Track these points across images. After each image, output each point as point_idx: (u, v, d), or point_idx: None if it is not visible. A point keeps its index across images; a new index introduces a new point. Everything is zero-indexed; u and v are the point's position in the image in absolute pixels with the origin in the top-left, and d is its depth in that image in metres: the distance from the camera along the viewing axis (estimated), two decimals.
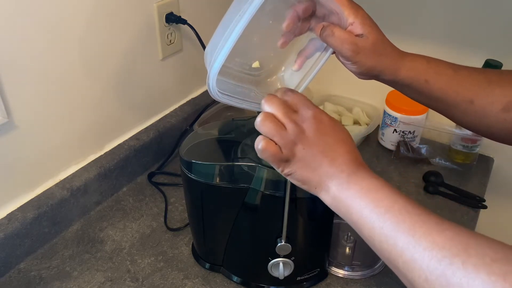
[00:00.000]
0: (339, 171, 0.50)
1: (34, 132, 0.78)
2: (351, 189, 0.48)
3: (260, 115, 0.50)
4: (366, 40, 0.55)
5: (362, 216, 0.47)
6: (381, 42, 0.57)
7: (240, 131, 0.72)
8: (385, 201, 0.46)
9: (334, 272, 0.76)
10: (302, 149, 0.50)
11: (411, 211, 0.44)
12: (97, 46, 0.83)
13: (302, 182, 0.52)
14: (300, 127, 0.50)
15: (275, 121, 0.50)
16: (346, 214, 0.49)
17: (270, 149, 0.49)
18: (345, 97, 1.18)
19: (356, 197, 0.48)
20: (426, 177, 0.99)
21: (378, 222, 0.45)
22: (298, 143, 0.50)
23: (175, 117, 1.05)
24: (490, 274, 0.36)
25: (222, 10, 0.55)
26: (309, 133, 0.50)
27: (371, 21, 0.56)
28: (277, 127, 0.49)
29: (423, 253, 0.41)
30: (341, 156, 0.50)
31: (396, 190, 0.47)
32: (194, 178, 0.67)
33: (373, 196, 0.47)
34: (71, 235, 0.84)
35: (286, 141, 0.49)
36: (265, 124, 0.49)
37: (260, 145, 0.50)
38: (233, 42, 0.48)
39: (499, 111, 0.57)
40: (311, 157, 0.50)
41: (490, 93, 0.58)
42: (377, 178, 0.49)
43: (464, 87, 0.59)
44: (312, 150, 0.50)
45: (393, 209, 0.45)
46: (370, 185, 0.48)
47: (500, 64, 0.89)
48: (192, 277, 0.76)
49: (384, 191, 0.47)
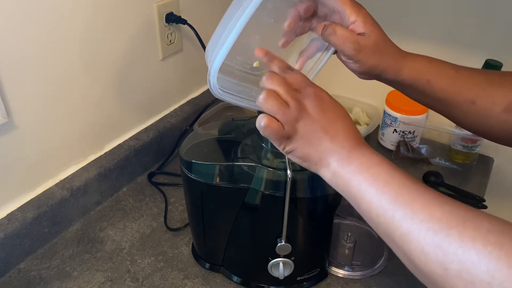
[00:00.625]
0: (339, 147, 0.50)
1: (34, 132, 0.78)
2: (351, 165, 0.49)
3: (263, 93, 0.50)
4: (368, 38, 0.55)
5: (361, 190, 0.47)
6: (383, 41, 0.57)
7: (240, 131, 0.72)
8: (384, 175, 0.46)
9: (334, 272, 0.76)
10: (303, 126, 0.50)
11: (410, 185, 0.45)
12: (97, 46, 0.83)
13: (303, 159, 0.52)
14: (302, 104, 0.50)
15: (278, 98, 0.50)
16: (345, 189, 0.49)
17: (272, 125, 0.49)
18: (345, 97, 1.18)
19: (356, 172, 0.48)
20: (426, 177, 0.99)
21: (377, 196, 0.46)
22: (300, 119, 0.50)
23: (175, 117, 1.05)
24: (486, 244, 0.37)
25: (222, 10, 0.55)
26: (311, 110, 0.50)
27: (373, 20, 0.56)
28: (280, 104, 0.49)
29: (420, 225, 0.41)
30: (341, 133, 0.50)
31: (395, 166, 0.48)
32: (194, 178, 0.67)
33: (373, 171, 0.47)
34: (71, 235, 0.84)
35: (288, 118, 0.49)
36: (268, 102, 0.49)
37: (263, 122, 0.50)
38: (234, 39, 0.48)
39: (500, 112, 0.57)
40: (313, 133, 0.50)
41: (491, 94, 0.58)
42: (377, 154, 0.50)
43: (465, 88, 0.59)
44: (314, 126, 0.50)
45: (392, 183, 0.46)
46: (370, 161, 0.48)
47: (500, 64, 0.89)
48: (192, 277, 0.76)
49: (383, 166, 0.48)
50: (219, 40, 0.50)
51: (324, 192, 0.67)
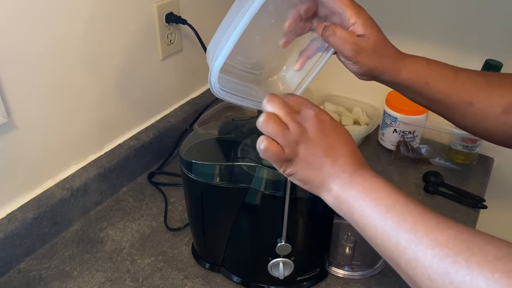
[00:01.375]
0: (341, 171, 0.50)
1: (34, 132, 0.78)
2: (353, 189, 0.49)
3: (262, 115, 0.50)
4: (368, 40, 0.55)
5: (364, 215, 0.47)
6: (382, 43, 0.57)
7: (240, 131, 0.72)
8: (386, 200, 0.46)
9: (334, 272, 0.76)
10: (304, 149, 0.50)
11: (412, 209, 0.44)
12: (97, 46, 0.83)
13: (304, 182, 0.52)
14: (303, 126, 0.50)
15: (278, 121, 0.50)
16: (348, 213, 0.49)
17: (272, 149, 0.49)
18: (345, 97, 1.18)
19: (358, 196, 0.48)
20: (426, 177, 0.99)
21: (380, 221, 0.45)
22: (300, 142, 0.50)
23: (175, 117, 1.05)
24: (494, 271, 0.36)
25: (222, 10, 0.55)
26: (312, 133, 0.50)
27: (373, 22, 0.56)
28: (280, 127, 0.49)
29: (425, 251, 0.41)
30: (342, 156, 0.50)
31: (397, 190, 0.47)
32: (194, 178, 0.67)
33: (375, 195, 0.47)
34: (71, 235, 0.84)
35: (288, 141, 0.49)
36: (267, 124, 0.49)
37: (263, 145, 0.50)
38: (235, 40, 0.48)
39: (498, 114, 0.57)
40: (313, 157, 0.50)
41: (489, 96, 0.58)
42: (379, 177, 0.49)
43: (463, 90, 0.59)
44: (315, 149, 0.50)
45: (394, 207, 0.45)
46: (372, 185, 0.48)
47: (500, 64, 0.89)
48: (192, 277, 0.76)
49: (385, 190, 0.47)
50: (220, 41, 0.50)
51: None
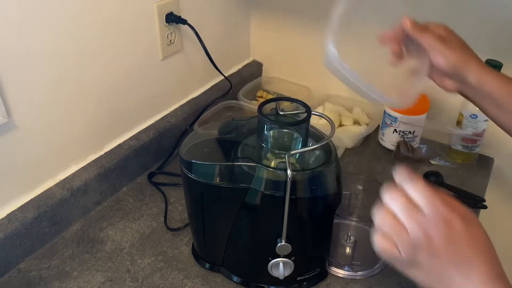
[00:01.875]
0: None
1: (34, 132, 0.78)
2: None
3: (380, 211, 0.48)
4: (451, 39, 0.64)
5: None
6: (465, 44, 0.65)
7: (240, 131, 0.72)
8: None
9: (334, 272, 0.76)
10: (427, 259, 0.46)
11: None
12: (97, 46, 0.83)
13: (426, 286, 0.48)
14: (426, 233, 0.45)
15: (396, 221, 0.46)
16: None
17: (386, 250, 0.47)
18: (345, 97, 1.18)
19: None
20: (426, 177, 0.98)
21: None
22: (422, 250, 0.45)
23: (175, 117, 1.04)
24: None
25: (222, 10, 0.55)
26: (438, 242, 0.45)
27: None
28: (397, 228, 0.46)
29: None
30: (476, 271, 0.45)
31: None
32: (194, 178, 0.67)
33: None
34: (71, 235, 0.84)
35: (405, 244, 0.46)
36: (384, 223, 0.47)
37: (378, 244, 0.47)
38: None
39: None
40: (440, 269, 0.45)
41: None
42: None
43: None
44: (441, 261, 0.45)
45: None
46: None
47: (500, 64, 0.89)
48: (192, 277, 0.76)
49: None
50: None
51: (324, 192, 0.67)
